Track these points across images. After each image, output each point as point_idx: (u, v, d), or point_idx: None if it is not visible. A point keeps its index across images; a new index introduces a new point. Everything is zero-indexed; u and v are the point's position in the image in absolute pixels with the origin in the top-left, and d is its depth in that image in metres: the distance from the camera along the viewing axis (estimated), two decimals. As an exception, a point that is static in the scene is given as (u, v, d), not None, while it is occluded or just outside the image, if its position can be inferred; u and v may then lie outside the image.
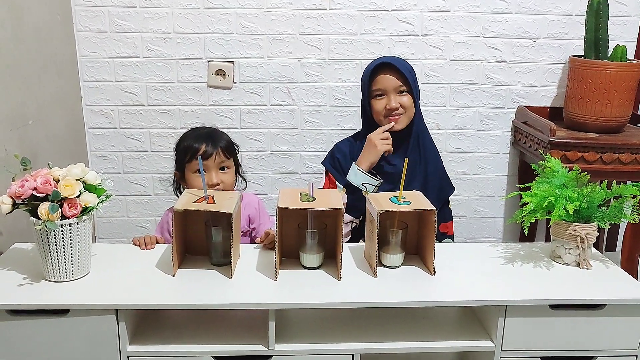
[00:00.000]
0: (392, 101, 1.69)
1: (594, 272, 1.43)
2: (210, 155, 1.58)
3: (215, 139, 1.61)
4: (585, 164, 2.02)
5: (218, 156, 1.59)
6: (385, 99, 1.70)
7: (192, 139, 1.61)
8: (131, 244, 1.54)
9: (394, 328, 1.39)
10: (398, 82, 1.68)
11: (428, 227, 1.41)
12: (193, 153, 1.58)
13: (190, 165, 1.60)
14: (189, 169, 1.61)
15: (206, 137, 1.61)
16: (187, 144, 1.61)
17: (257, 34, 2.24)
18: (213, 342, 1.32)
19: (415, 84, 1.72)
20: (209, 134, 1.63)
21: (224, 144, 1.62)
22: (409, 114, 1.71)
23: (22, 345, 1.26)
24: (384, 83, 1.69)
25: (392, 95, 1.69)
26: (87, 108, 2.29)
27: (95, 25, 2.20)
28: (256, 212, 1.71)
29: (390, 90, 1.69)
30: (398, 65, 1.68)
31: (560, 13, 2.28)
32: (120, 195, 2.38)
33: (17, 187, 1.27)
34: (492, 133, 2.40)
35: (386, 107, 1.69)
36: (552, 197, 1.41)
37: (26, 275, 1.35)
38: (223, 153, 1.60)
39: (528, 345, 1.34)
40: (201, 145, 1.58)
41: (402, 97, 1.70)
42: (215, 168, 1.60)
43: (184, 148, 1.62)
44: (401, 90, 1.69)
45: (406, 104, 1.70)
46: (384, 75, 1.69)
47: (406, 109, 1.70)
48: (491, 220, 2.52)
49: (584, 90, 2.11)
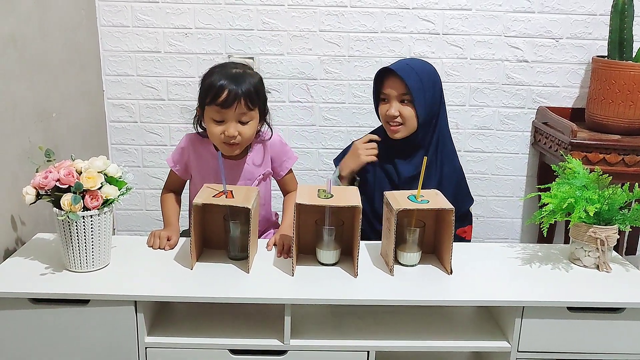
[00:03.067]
0: (392, 108, 1.64)
1: (613, 275, 1.42)
2: (231, 104, 1.43)
3: (241, 84, 1.45)
4: (607, 165, 1.99)
5: (239, 106, 1.44)
6: (387, 104, 1.67)
7: (218, 79, 1.45)
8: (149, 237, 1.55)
9: (409, 326, 1.39)
10: (402, 89, 1.63)
11: (445, 226, 1.40)
12: (213, 97, 1.44)
13: (209, 111, 1.47)
14: (207, 113, 1.48)
15: (232, 81, 1.44)
16: (211, 82, 1.46)
17: (278, 30, 2.25)
18: (229, 335, 1.33)
19: (422, 94, 1.63)
20: (236, 77, 1.46)
21: (248, 91, 1.45)
22: (408, 126, 1.65)
23: (42, 333, 1.29)
24: (388, 89, 1.66)
25: (394, 102, 1.65)
26: (108, 102, 2.32)
27: (118, 20, 2.23)
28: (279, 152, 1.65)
29: (393, 97, 1.65)
30: (403, 75, 1.62)
31: (584, 13, 2.25)
32: (140, 188, 2.40)
33: (41, 178, 1.29)
34: (512, 133, 2.38)
35: (386, 114, 1.66)
36: (573, 198, 1.40)
37: (48, 265, 1.37)
38: (245, 103, 1.45)
39: (545, 347, 1.33)
40: (223, 90, 1.43)
41: (404, 107, 1.64)
42: (234, 119, 1.46)
43: (206, 85, 1.47)
44: (403, 100, 1.64)
45: (406, 115, 1.64)
46: (389, 81, 1.65)
47: (405, 120, 1.65)
48: (509, 221, 2.50)
49: (607, 92, 2.08)
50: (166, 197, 1.68)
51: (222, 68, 1.51)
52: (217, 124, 1.47)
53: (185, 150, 1.61)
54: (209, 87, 1.46)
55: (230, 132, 1.46)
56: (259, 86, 1.51)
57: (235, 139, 1.48)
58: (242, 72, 1.50)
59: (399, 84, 1.63)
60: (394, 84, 1.64)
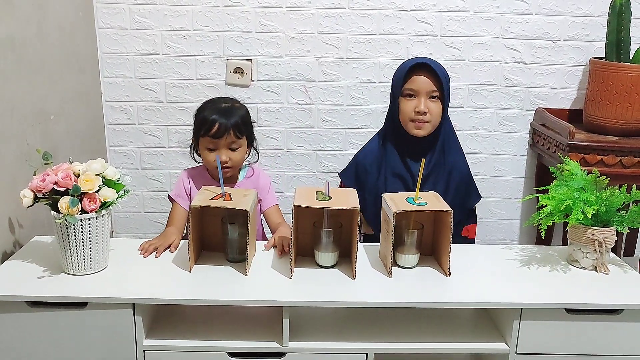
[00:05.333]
0: (421, 104, 1.63)
1: (611, 277, 1.42)
2: (221, 135, 1.62)
3: (230, 117, 1.64)
4: (605, 167, 2.00)
5: (229, 136, 1.63)
6: (415, 100, 1.64)
7: (209, 113, 1.64)
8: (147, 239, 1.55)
9: (407, 328, 1.39)
10: (432, 86, 1.63)
11: (444, 228, 1.40)
12: (206, 130, 1.62)
13: (203, 141, 1.65)
14: (202, 143, 1.66)
15: (222, 115, 1.64)
16: (204, 117, 1.64)
17: (276, 32, 2.25)
18: (227, 338, 1.33)
19: (448, 92, 1.67)
20: (226, 111, 1.65)
21: (236, 123, 1.64)
22: (434, 122, 1.66)
23: (40, 336, 1.29)
24: (418, 84, 1.63)
25: (424, 98, 1.63)
26: (106, 104, 2.32)
27: (116, 22, 2.23)
28: (264, 187, 1.76)
29: (423, 92, 1.63)
30: (436, 68, 1.63)
31: (582, 14, 2.25)
32: (138, 190, 2.40)
33: (39, 181, 1.29)
34: (510, 135, 2.39)
35: (415, 110, 1.64)
36: (570, 200, 1.40)
37: (46, 268, 1.37)
38: (234, 133, 1.63)
39: (543, 348, 1.33)
40: (214, 124, 1.61)
41: (432, 103, 1.64)
42: (225, 147, 1.64)
43: (200, 120, 1.65)
44: (433, 95, 1.64)
45: (434, 111, 1.64)
46: (420, 76, 1.63)
47: (433, 116, 1.64)
48: (507, 223, 2.50)
49: (604, 93, 2.08)
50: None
51: (212, 103, 1.70)
52: (211, 151, 1.65)
53: (185, 182, 1.74)
54: (202, 121, 1.64)
55: (222, 158, 1.63)
56: (246, 117, 1.69)
57: (227, 163, 1.64)
58: (230, 106, 1.69)
59: (431, 79, 1.63)
60: (426, 79, 1.63)
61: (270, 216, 1.75)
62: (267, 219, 1.76)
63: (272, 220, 1.74)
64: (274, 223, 1.73)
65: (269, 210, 1.75)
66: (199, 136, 1.66)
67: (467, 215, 1.78)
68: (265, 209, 1.75)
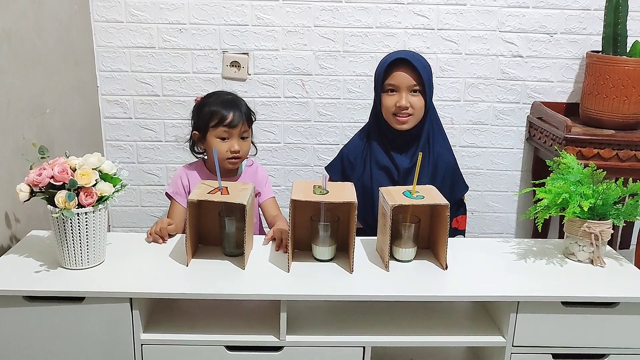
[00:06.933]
0: (403, 99, 1.64)
1: (607, 270, 1.42)
2: (237, 124, 1.65)
3: (240, 107, 1.68)
4: (601, 160, 2.00)
5: (243, 126, 1.66)
6: (396, 95, 1.66)
7: (219, 105, 1.66)
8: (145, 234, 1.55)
9: (405, 322, 1.40)
10: (412, 80, 1.64)
11: (441, 222, 1.41)
12: (220, 120, 1.64)
13: (216, 131, 1.65)
14: (213, 133, 1.66)
15: (232, 105, 1.67)
16: (214, 109, 1.66)
17: (272, 25, 2.24)
18: (225, 332, 1.34)
19: (430, 85, 1.68)
20: (234, 102, 1.69)
21: (247, 113, 1.70)
22: (417, 115, 1.66)
23: (37, 331, 1.28)
24: (398, 79, 1.65)
25: (405, 93, 1.64)
26: (102, 98, 2.31)
27: (111, 15, 2.22)
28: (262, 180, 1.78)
29: (404, 87, 1.64)
30: (415, 62, 1.63)
31: (579, 8, 2.25)
32: (135, 185, 2.40)
33: (35, 175, 1.29)
34: (507, 128, 2.39)
35: (396, 105, 1.65)
36: (567, 193, 1.40)
37: (42, 263, 1.37)
38: (247, 122, 1.68)
39: (539, 341, 1.34)
40: (228, 113, 1.65)
41: (414, 97, 1.65)
42: (237, 136, 1.67)
43: (210, 112, 1.66)
44: (414, 90, 1.65)
45: (416, 104, 1.65)
46: (400, 72, 1.64)
47: (415, 110, 1.65)
48: (504, 216, 2.51)
49: (601, 87, 2.08)
50: None
51: (216, 96, 1.72)
52: (223, 141, 1.66)
53: (183, 179, 1.74)
54: (213, 113, 1.66)
55: (235, 147, 1.66)
56: (249, 108, 1.74)
57: (238, 153, 1.67)
58: (234, 97, 1.73)
59: (410, 74, 1.63)
60: (405, 74, 1.64)
61: (267, 208, 1.76)
62: (263, 211, 1.77)
63: (269, 213, 1.75)
64: (270, 215, 1.74)
65: (266, 203, 1.76)
66: (207, 129, 1.66)
67: (457, 206, 1.78)
68: (262, 201, 1.76)
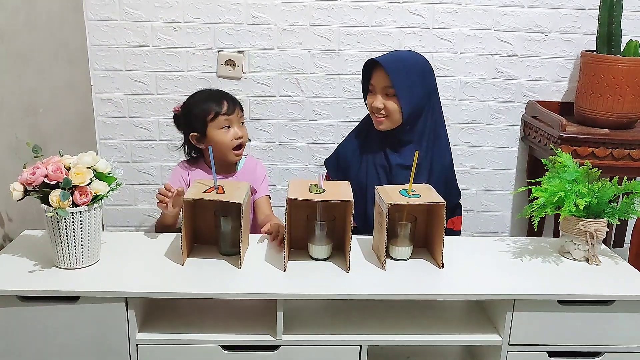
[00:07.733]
0: (376, 100, 1.65)
1: (602, 268, 1.43)
2: (233, 111, 1.68)
3: (228, 96, 1.72)
4: (596, 159, 2.01)
5: (237, 111, 1.70)
6: (373, 96, 1.68)
7: (208, 100, 1.69)
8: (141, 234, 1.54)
9: (401, 320, 1.40)
10: (385, 83, 1.63)
11: (437, 221, 1.41)
12: (217, 111, 1.67)
13: (216, 123, 1.68)
14: (214, 126, 1.68)
15: (220, 96, 1.71)
16: (205, 106, 1.68)
17: (268, 24, 2.24)
18: (221, 331, 1.33)
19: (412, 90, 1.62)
20: (219, 93, 1.72)
21: (235, 100, 1.72)
22: (392, 119, 1.65)
23: (32, 331, 1.27)
24: (375, 80, 1.66)
25: (379, 94, 1.65)
26: (96, 97, 2.29)
27: (105, 13, 2.20)
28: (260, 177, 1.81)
29: (378, 89, 1.65)
30: (388, 69, 1.61)
31: (573, 7, 2.26)
32: (129, 184, 2.38)
33: (29, 174, 1.28)
34: (502, 127, 2.39)
35: (371, 105, 1.68)
36: (563, 192, 1.40)
37: (37, 262, 1.36)
38: (241, 108, 1.72)
39: (535, 340, 1.34)
40: (221, 102, 1.68)
41: (389, 100, 1.64)
42: (237, 122, 1.71)
43: (202, 109, 1.68)
44: (388, 93, 1.64)
45: (390, 108, 1.64)
46: (376, 73, 1.66)
47: (389, 113, 1.65)
48: (499, 215, 2.51)
49: (595, 86, 2.09)
50: None
51: (199, 95, 1.73)
52: (227, 130, 1.69)
53: (183, 174, 1.76)
54: (206, 108, 1.68)
55: (238, 132, 1.69)
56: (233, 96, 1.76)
57: (242, 139, 1.70)
58: (216, 90, 1.77)
59: (383, 76, 1.63)
60: (380, 76, 1.65)
61: (260, 206, 1.76)
62: (256, 208, 1.77)
63: (261, 211, 1.75)
64: (263, 214, 1.74)
65: (260, 200, 1.77)
66: (205, 125, 1.68)
67: (454, 207, 1.78)
68: (256, 199, 1.76)
